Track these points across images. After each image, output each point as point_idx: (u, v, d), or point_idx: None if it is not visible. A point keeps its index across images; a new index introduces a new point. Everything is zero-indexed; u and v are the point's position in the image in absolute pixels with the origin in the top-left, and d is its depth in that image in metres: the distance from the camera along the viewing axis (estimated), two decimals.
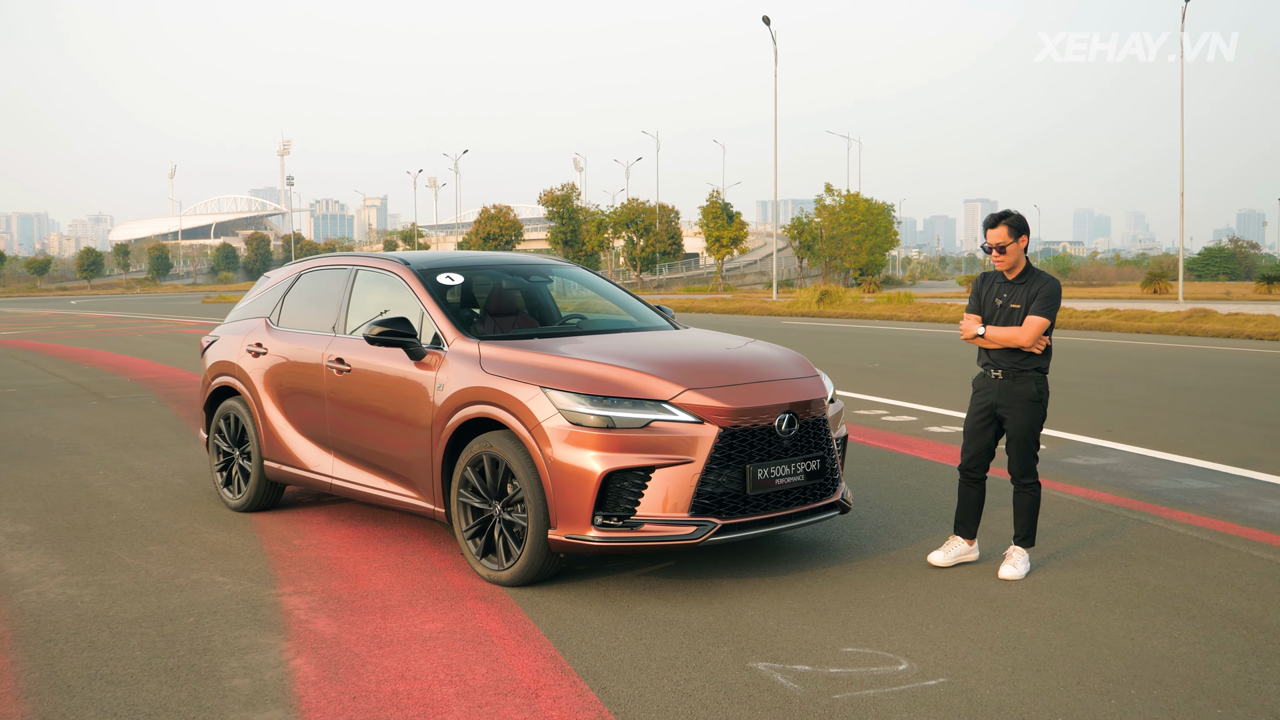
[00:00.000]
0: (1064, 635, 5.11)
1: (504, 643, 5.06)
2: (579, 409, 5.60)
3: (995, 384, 6.08)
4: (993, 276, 6.16)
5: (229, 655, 4.94)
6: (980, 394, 6.18)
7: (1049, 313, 5.93)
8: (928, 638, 5.09)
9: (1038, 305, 5.94)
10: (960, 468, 6.30)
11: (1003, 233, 5.96)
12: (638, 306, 7.64)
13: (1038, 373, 6.02)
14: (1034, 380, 6.01)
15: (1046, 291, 5.95)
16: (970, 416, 6.25)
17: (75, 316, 44.18)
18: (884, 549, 6.61)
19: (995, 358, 6.08)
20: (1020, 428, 6.04)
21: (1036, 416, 6.04)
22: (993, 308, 6.09)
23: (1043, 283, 5.99)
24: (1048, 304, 5.94)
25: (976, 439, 6.19)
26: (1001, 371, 6.06)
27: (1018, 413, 6.03)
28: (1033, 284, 6.00)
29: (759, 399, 5.80)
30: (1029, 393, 6.00)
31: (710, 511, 5.61)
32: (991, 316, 6.10)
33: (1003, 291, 6.05)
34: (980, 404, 6.18)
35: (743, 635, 5.13)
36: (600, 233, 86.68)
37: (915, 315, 34.33)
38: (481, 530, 6.05)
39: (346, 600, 5.73)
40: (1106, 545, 6.61)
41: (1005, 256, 5.98)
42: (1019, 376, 6.01)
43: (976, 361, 6.29)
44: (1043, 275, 6.04)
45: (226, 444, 7.97)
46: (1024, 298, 5.98)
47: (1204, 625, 5.23)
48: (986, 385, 6.14)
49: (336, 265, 7.57)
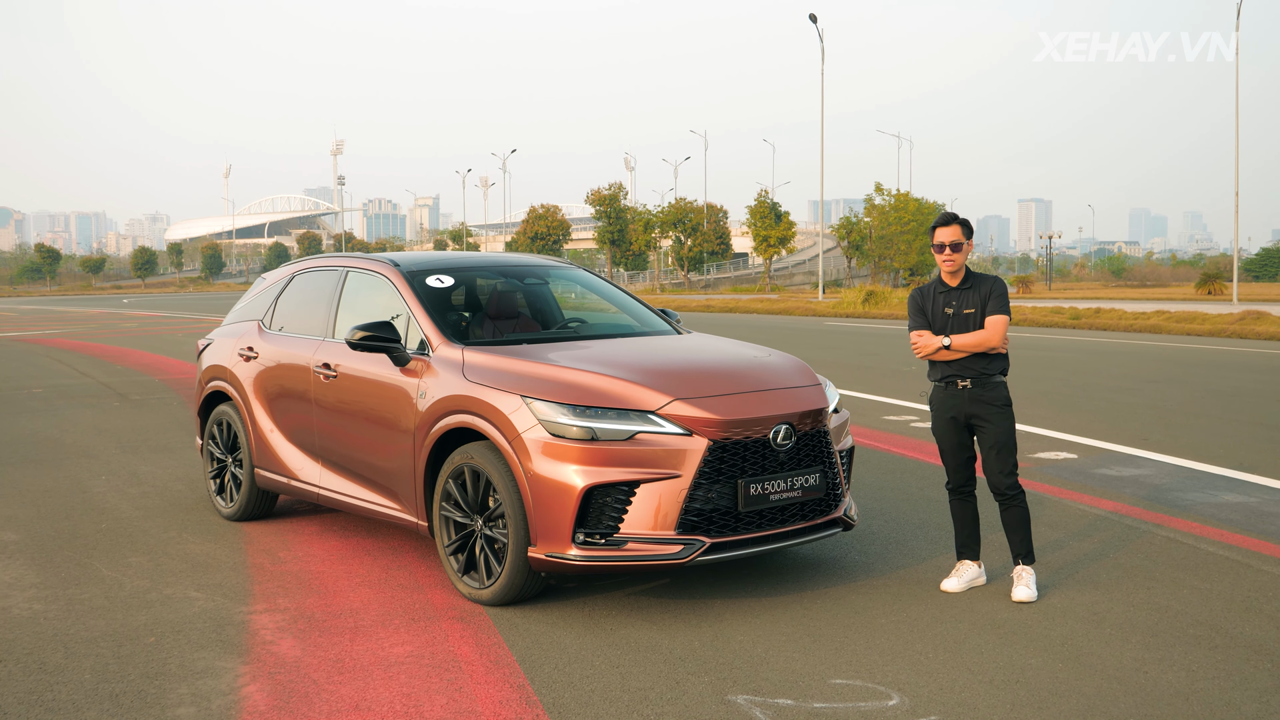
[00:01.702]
0: (1072, 667, 4.73)
1: (472, 669, 4.77)
2: (560, 420, 5.30)
3: (963, 394, 5.82)
4: (930, 289, 5.95)
5: (181, 680, 4.69)
6: (943, 408, 5.89)
7: (1007, 309, 5.80)
8: (925, 668, 4.73)
9: (995, 304, 5.78)
10: (949, 488, 6.00)
11: (956, 231, 5.81)
12: (640, 310, 7.32)
13: (1002, 375, 5.85)
14: (1003, 385, 5.84)
15: (999, 290, 5.82)
16: (941, 435, 5.95)
17: (120, 315, 44.55)
18: (893, 567, 6.26)
19: (960, 367, 5.81)
20: (1000, 434, 5.78)
21: (1011, 421, 5.84)
22: (943, 319, 5.84)
23: (992, 282, 5.85)
24: (1004, 301, 5.80)
25: (956, 455, 5.92)
26: (970, 380, 5.80)
27: (994, 419, 5.78)
28: (980, 286, 5.84)
29: (752, 409, 5.47)
30: (1002, 397, 5.80)
31: (699, 529, 5.29)
32: (944, 328, 5.84)
33: (950, 300, 5.85)
34: (946, 418, 5.89)
35: (727, 663, 4.81)
36: (647, 232, 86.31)
37: None
38: (464, 546, 5.77)
39: (318, 619, 5.46)
40: (1130, 565, 6.21)
41: (958, 255, 5.80)
42: (988, 383, 5.79)
43: (929, 376, 5.98)
44: (988, 276, 5.89)
45: (220, 451, 7.75)
46: (976, 300, 5.79)
47: (1226, 657, 4.83)
48: (951, 397, 5.86)
49: (328, 267, 7.32)
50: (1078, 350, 21.03)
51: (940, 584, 5.91)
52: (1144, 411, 12.28)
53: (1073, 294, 61.18)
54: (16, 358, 22.13)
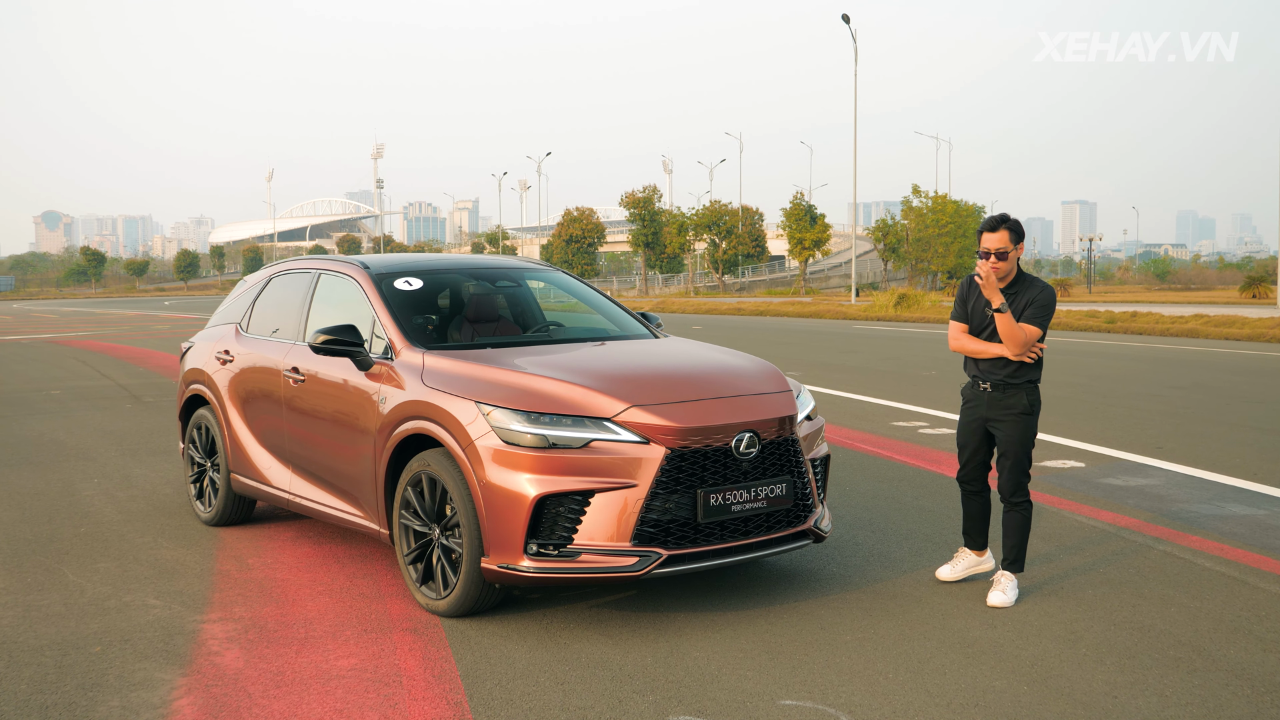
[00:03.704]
0: (1038, 691, 4.50)
1: (412, 685, 4.61)
2: (513, 426, 5.14)
3: (984, 396, 5.69)
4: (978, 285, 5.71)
5: (115, 692, 4.57)
6: (970, 406, 5.81)
7: (1043, 323, 5.53)
8: (882, 689, 4.52)
9: (1032, 314, 5.52)
10: (958, 479, 5.95)
11: (1004, 237, 5.51)
12: (618, 313, 7.14)
13: (1029, 384, 5.63)
14: (1025, 392, 5.62)
15: (1041, 300, 5.53)
16: (961, 429, 5.89)
17: (154, 317, 44.91)
18: (870, 579, 6.04)
19: (984, 369, 5.68)
20: (1011, 443, 5.62)
21: (1028, 430, 5.64)
22: (982, 317, 5.70)
23: (1037, 290, 5.56)
24: (1042, 313, 5.52)
25: (969, 451, 5.84)
26: (990, 384, 5.64)
27: (1008, 426, 5.62)
28: (1025, 292, 5.58)
29: (713, 417, 5.28)
30: (1020, 405, 5.61)
31: (656, 541, 5.10)
32: (982, 326, 5.70)
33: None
34: (970, 416, 5.82)
35: (676, 681, 4.62)
36: (681, 235, 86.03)
37: None
38: (422, 554, 5.62)
39: (269, 629, 5.33)
40: (1118, 581, 5.96)
41: (1004, 263, 5.52)
42: (1009, 389, 5.62)
43: (964, 370, 5.86)
44: (1037, 282, 5.60)
45: (199, 455, 7.66)
46: (1016, 307, 5.55)
47: (1204, 682, 4.58)
48: (975, 397, 5.77)
49: (302, 269, 7.21)
50: (1106, 355, 20.62)
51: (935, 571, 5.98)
52: (1162, 419, 11.95)
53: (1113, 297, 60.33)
54: (44, 359, 22.28)
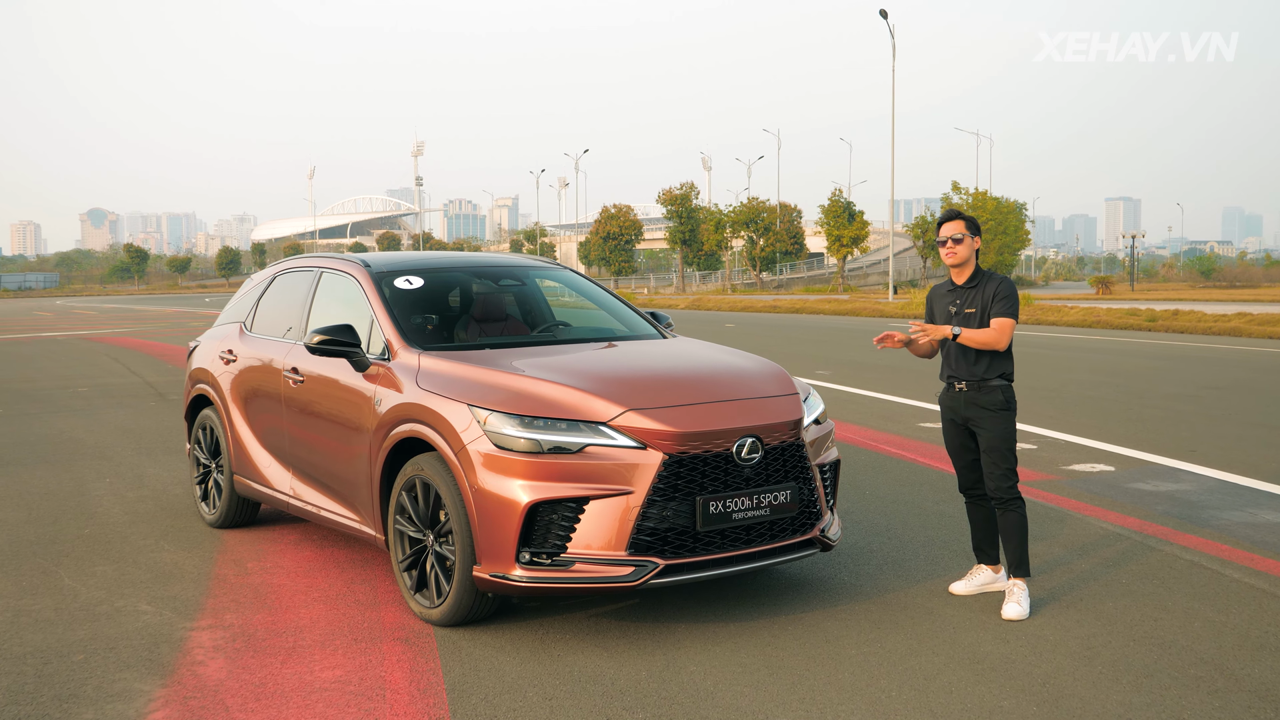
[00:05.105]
0: (1048, 711, 4.28)
1: (395, 698, 4.46)
2: (506, 431, 4.97)
3: (961, 396, 5.64)
4: (940, 288, 5.83)
5: (91, 703, 4.45)
6: (946, 410, 5.75)
7: (1013, 312, 5.51)
8: (884, 708, 4.32)
9: (1001, 306, 5.52)
10: (960, 490, 5.83)
11: (960, 225, 5.65)
12: (626, 313, 6.96)
13: (1003, 379, 5.57)
14: (1000, 389, 5.55)
15: (1005, 291, 5.55)
16: (947, 438, 5.80)
17: (192, 314, 45.18)
18: (882, 589, 5.83)
19: (957, 370, 5.62)
20: (993, 439, 5.54)
21: (1008, 426, 5.56)
22: (945, 316, 5.70)
23: (998, 282, 5.59)
24: (1010, 304, 5.53)
25: (962, 457, 5.75)
26: (965, 384, 5.60)
27: (988, 423, 5.55)
28: (986, 286, 5.60)
29: (713, 421, 5.08)
30: (996, 401, 5.54)
31: (653, 550, 4.92)
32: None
33: (954, 299, 5.68)
34: (948, 420, 5.76)
35: (669, 698, 4.44)
36: (719, 232, 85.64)
37: (1032, 319, 32.71)
38: (416, 561, 5.47)
39: (258, 638, 5.19)
40: (1141, 592, 5.71)
41: (960, 247, 5.61)
42: (983, 387, 5.55)
43: (939, 376, 5.80)
44: (995, 275, 5.64)
45: (205, 456, 7.56)
46: (979, 301, 5.57)
47: (1224, 703, 4.34)
48: (951, 399, 5.70)
49: (305, 267, 7.08)
50: (1143, 354, 20.20)
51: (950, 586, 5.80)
52: (1198, 420, 11.62)
53: (1155, 295, 59.38)
54: (77, 356, 22.41)
